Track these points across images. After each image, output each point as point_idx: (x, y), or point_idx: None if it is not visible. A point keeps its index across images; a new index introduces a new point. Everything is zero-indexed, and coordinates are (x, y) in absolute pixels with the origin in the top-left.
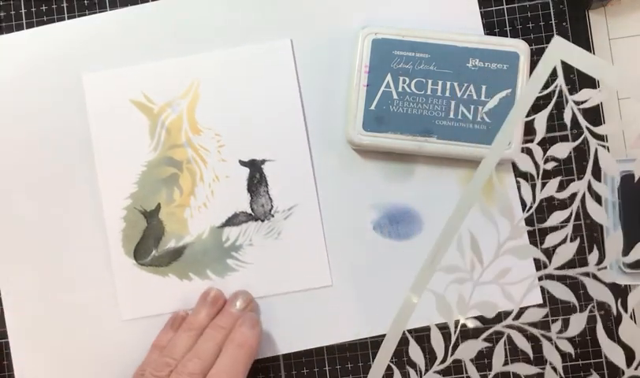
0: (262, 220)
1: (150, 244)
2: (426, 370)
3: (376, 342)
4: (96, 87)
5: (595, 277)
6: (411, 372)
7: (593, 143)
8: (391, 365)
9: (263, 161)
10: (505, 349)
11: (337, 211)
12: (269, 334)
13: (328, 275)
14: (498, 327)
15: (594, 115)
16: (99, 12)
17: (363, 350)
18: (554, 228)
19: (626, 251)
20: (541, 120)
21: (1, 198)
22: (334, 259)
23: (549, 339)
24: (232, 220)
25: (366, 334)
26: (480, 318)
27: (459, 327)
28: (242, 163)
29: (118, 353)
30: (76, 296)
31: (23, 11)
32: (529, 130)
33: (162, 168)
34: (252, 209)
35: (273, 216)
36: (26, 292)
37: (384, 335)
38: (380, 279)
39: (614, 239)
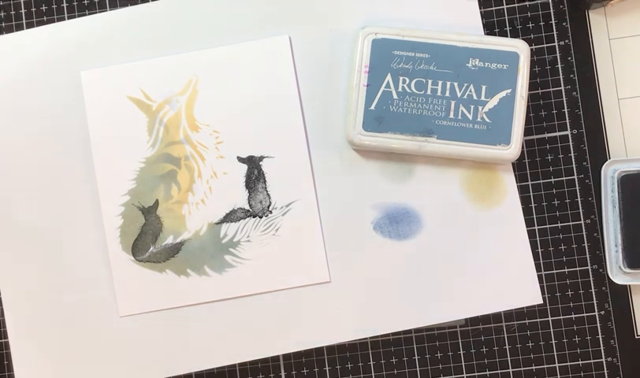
0: (260, 217)
1: (147, 240)
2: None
3: (376, 343)
4: (94, 83)
5: (595, 277)
6: None
7: (593, 143)
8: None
9: (261, 158)
10: (505, 349)
11: (337, 210)
12: (268, 332)
13: (326, 271)
14: (499, 326)
15: (595, 113)
16: (99, 12)
17: (363, 350)
18: (554, 228)
19: (625, 251)
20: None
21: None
22: (333, 257)
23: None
24: (230, 217)
25: (367, 334)
26: (481, 318)
27: (458, 327)
28: (240, 159)
29: (116, 350)
30: (74, 293)
31: (23, 11)
32: (528, 129)
33: (160, 164)
34: (250, 206)
35: (271, 212)
36: (26, 291)
37: (384, 335)
38: (380, 278)
39: (614, 239)
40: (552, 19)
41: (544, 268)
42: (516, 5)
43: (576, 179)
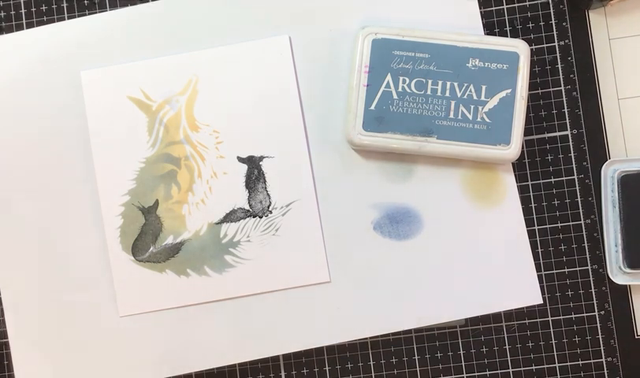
0: (260, 217)
1: (148, 240)
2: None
3: (376, 343)
4: (94, 83)
5: (595, 277)
6: None
7: (593, 143)
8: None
9: (261, 158)
10: (505, 349)
11: (337, 210)
12: (268, 332)
13: (326, 271)
14: (499, 326)
15: (595, 113)
16: (99, 12)
17: (363, 350)
18: (554, 228)
19: (625, 251)
20: None
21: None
22: (334, 257)
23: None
24: (230, 217)
25: (366, 334)
26: (481, 318)
27: (458, 327)
28: (240, 159)
29: (116, 350)
30: (74, 293)
31: (23, 11)
32: (528, 129)
33: (160, 164)
34: (250, 206)
35: (271, 212)
36: (26, 291)
37: (384, 335)
38: (380, 278)
39: (614, 239)
40: (552, 19)
41: (544, 268)
42: (516, 5)
43: (576, 179)
